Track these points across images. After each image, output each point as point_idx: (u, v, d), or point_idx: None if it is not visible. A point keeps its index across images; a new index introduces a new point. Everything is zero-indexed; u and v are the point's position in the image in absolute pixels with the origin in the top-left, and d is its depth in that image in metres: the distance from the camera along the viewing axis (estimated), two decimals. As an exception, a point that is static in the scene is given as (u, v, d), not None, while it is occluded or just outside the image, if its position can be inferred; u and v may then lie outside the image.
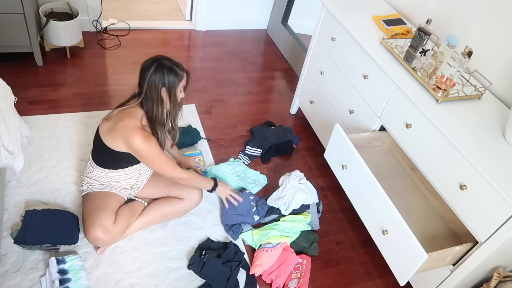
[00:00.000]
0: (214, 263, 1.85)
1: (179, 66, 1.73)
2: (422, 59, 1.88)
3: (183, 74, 1.73)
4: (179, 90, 1.75)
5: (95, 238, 1.76)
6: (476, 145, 1.59)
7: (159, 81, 1.69)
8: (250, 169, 2.45)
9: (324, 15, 2.40)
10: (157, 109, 1.74)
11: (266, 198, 2.24)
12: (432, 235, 1.84)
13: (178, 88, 1.74)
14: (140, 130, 1.70)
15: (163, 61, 1.70)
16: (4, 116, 1.82)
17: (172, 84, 1.71)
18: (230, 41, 3.68)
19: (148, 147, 1.71)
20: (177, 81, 1.72)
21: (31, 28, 2.63)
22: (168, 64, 1.69)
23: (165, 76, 1.68)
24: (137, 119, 1.73)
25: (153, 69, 1.68)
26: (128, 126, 1.70)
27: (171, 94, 1.73)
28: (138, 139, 1.69)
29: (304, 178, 2.21)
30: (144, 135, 1.70)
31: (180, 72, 1.72)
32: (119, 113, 1.75)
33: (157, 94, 1.71)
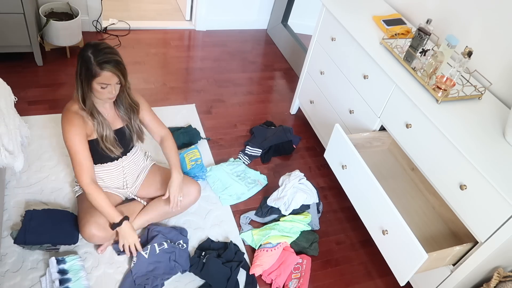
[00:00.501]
0: (214, 263, 1.85)
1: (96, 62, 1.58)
2: (422, 59, 1.88)
3: (99, 72, 1.59)
4: (98, 86, 1.62)
5: (90, 235, 1.75)
6: (476, 145, 1.59)
7: (78, 72, 1.63)
8: (250, 169, 2.45)
9: (324, 15, 2.40)
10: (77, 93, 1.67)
11: (266, 198, 2.24)
12: (432, 235, 1.84)
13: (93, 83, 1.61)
14: (69, 111, 1.67)
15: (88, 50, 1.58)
16: (4, 116, 1.81)
17: (84, 77, 1.61)
18: (230, 41, 3.68)
19: (65, 133, 1.67)
20: (91, 77, 1.60)
21: (31, 28, 2.63)
22: (85, 57, 1.58)
23: (80, 68, 1.61)
24: (75, 104, 1.70)
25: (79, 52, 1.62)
26: (65, 108, 1.69)
27: (83, 84, 1.63)
28: (62, 119, 1.67)
29: (304, 178, 2.21)
30: (68, 117, 1.67)
31: (95, 69, 1.58)
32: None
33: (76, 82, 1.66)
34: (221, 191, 2.28)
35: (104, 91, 1.65)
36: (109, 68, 1.60)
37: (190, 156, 2.34)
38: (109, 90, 1.66)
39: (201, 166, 2.31)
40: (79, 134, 1.68)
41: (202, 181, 2.32)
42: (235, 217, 2.19)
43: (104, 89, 1.64)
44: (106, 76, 1.61)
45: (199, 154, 2.38)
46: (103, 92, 1.65)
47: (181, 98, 2.91)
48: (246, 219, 2.18)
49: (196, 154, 2.36)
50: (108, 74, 1.60)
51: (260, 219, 2.19)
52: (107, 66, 1.59)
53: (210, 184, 2.31)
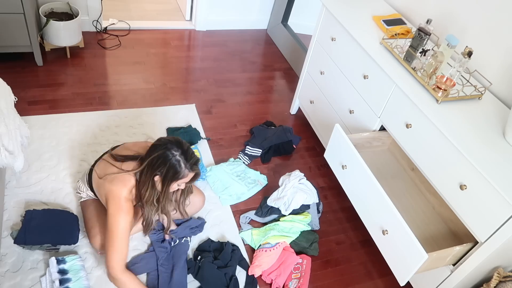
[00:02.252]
0: (209, 267, 1.85)
1: (189, 164, 1.58)
2: (422, 59, 1.88)
3: (188, 174, 1.60)
4: (176, 184, 1.64)
5: (101, 246, 1.79)
6: (476, 145, 1.59)
7: (158, 166, 1.57)
8: (250, 169, 2.45)
9: (324, 15, 2.40)
10: (145, 191, 1.63)
11: (266, 198, 2.24)
12: (432, 235, 1.84)
13: (174, 183, 1.62)
14: (120, 199, 1.61)
15: (175, 151, 1.57)
16: (4, 116, 1.81)
17: (170, 177, 1.59)
18: (230, 41, 3.68)
19: (115, 219, 1.60)
20: (177, 177, 1.59)
21: (31, 28, 2.63)
22: (176, 158, 1.56)
23: (165, 166, 1.57)
24: (126, 188, 1.63)
25: (161, 151, 1.57)
26: (113, 192, 1.61)
27: (164, 184, 1.61)
28: (112, 205, 1.61)
29: (304, 178, 2.21)
30: (120, 205, 1.61)
31: (185, 171, 1.58)
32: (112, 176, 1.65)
33: (149, 176, 1.61)
34: (221, 191, 2.28)
35: (180, 187, 1.68)
36: (197, 169, 1.62)
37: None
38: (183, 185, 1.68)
39: (201, 166, 2.31)
40: (129, 222, 1.64)
41: (202, 181, 2.32)
42: (235, 217, 2.19)
43: (179, 186, 1.66)
44: (190, 176, 1.63)
45: (199, 154, 2.38)
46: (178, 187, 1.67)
47: (181, 98, 2.91)
48: (246, 219, 2.18)
49: (196, 154, 2.37)
50: (193, 174, 1.63)
51: (260, 219, 2.19)
52: (196, 168, 1.62)
53: (210, 184, 2.31)
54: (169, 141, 1.60)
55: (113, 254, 1.62)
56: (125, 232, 1.63)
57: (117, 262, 1.63)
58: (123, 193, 1.63)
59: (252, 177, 2.40)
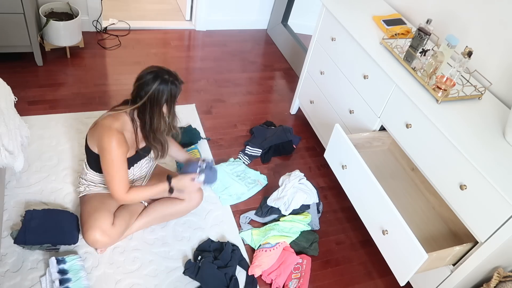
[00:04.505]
0: (209, 268, 1.85)
1: (178, 79, 1.72)
2: (422, 59, 1.88)
3: (181, 86, 1.74)
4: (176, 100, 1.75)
5: (93, 240, 1.76)
6: (476, 145, 1.59)
7: (162, 96, 1.65)
8: (250, 169, 2.45)
9: (324, 15, 2.40)
10: (159, 123, 1.72)
11: (266, 198, 2.24)
12: (432, 235, 1.84)
13: (176, 99, 1.74)
14: (116, 131, 1.66)
15: (165, 75, 1.66)
16: (4, 116, 1.81)
17: (173, 98, 1.71)
18: (230, 41, 3.68)
19: (115, 151, 1.65)
20: (177, 94, 1.72)
21: (31, 28, 2.63)
22: (170, 79, 1.66)
23: (168, 91, 1.66)
24: (118, 122, 1.69)
25: (156, 84, 1.63)
26: (106, 125, 1.67)
27: (171, 107, 1.73)
28: (111, 139, 1.64)
29: (304, 178, 2.21)
30: (118, 138, 1.66)
31: (179, 85, 1.72)
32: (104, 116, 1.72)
33: (159, 109, 1.69)
34: (221, 191, 2.28)
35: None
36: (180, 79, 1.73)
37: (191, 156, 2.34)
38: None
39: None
40: (124, 152, 1.69)
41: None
42: (235, 217, 2.19)
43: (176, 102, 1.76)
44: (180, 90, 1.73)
45: (199, 154, 2.38)
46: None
47: (181, 98, 2.91)
48: (246, 219, 2.18)
49: (196, 154, 2.37)
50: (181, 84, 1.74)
51: (260, 219, 2.19)
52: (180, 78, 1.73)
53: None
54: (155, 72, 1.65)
55: (114, 184, 1.70)
56: (119, 161, 1.67)
57: (119, 189, 1.71)
58: (114, 124, 1.67)
59: (252, 177, 2.40)
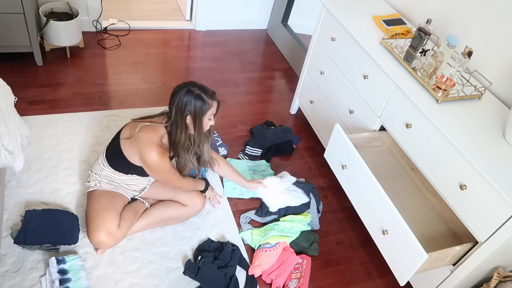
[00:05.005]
0: (209, 268, 1.85)
1: (209, 94, 1.71)
2: (422, 59, 1.88)
3: (212, 103, 1.71)
4: (207, 118, 1.74)
5: (98, 241, 1.77)
6: (476, 145, 1.59)
7: (185, 107, 1.68)
8: (270, 172, 2.45)
9: (324, 15, 2.40)
10: (180, 135, 1.75)
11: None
12: (432, 235, 1.84)
13: (205, 116, 1.72)
14: (157, 145, 1.71)
15: (193, 88, 1.68)
16: (4, 116, 1.81)
17: (199, 112, 1.70)
18: (230, 41, 3.68)
19: (161, 163, 1.72)
20: (205, 110, 1.70)
21: (31, 28, 2.63)
22: (196, 92, 1.67)
23: (191, 103, 1.67)
24: (157, 135, 1.74)
25: (181, 94, 1.67)
26: (147, 139, 1.71)
27: (196, 121, 1.72)
28: (153, 154, 1.70)
29: (292, 181, 2.23)
30: (160, 151, 1.71)
31: (208, 100, 1.70)
32: (143, 127, 1.74)
33: (182, 120, 1.71)
34: (227, 181, 2.32)
35: (210, 122, 1.78)
36: (216, 97, 1.75)
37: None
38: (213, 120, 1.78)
39: (201, 168, 2.32)
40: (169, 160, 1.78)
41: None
42: (235, 217, 2.19)
43: (210, 120, 1.76)
44: (215, 105, 1.74)
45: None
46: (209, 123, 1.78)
47: (181, 98, 2.91)
48: (246, 218, 2.18)
49: None
50: (216, 103, 1.75)
51: (260, 218, 2.19)
52: (216, 96, 1.74)
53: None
54: (185, 84, 1.71)
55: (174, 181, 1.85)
56: (171, 167, 1.80)
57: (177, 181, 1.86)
58: (155, 139, 1.72)
59: None
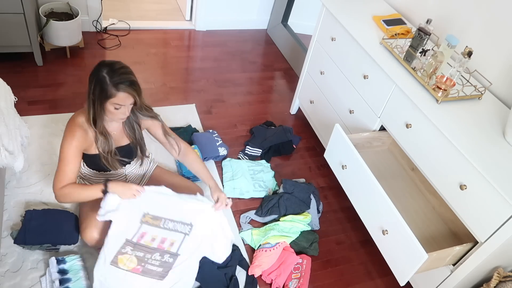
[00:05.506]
0: (208, 268, 1.84)
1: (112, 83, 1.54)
2: (422, 59, 1.88)
3: (115, 93, 1.56)
4: (112, 106, 1.59)
5: (91, 239, 1.75)
6: (476, 145, 1.59)
7: (90, 88, 1.58)
8: (270, 174, 2.45)
9: (324, 15, 2.40)
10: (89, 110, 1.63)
11: (267, 198, 2.24)
12: (432, 235, 1.84)
13: (106, 103, 1.58)
14: (74, 123, 1.64)
15: (104, 67, 1.56)
16: (4, 116, 1.82)
17: (98, 97, 1.58)
18: (230, 41, 3.68)
19: (64, 141, 1.63)
20: (105, 97, 1.56)
21: (31, 28, 2.63)
22: (100, 77, 1.54)
23: (93, 85, 1.57)
24: (82, 116, 1.67)
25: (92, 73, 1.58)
26: (71, 117, 1.67)
27: (95, 104, 1.60)
28: (66, 128, 1.65)
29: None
30: (72, 129, 1.63)
31: (110, 90, 1.55)
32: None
33: (88, 97, 1.61)
34: (227, 180, 2.32)
35: (118, 112, 1.62)
36: (125, 88, 1.57)
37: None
38: (123, 111, 1.63)
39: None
40: (76, 147, 1.65)
41: (201, 181, 2.32)
42: (235, 217, 2.19)
43: (117, 110, 1.61)
44: (121, 97, 1.58)
45: (199, 154, 2.38)
46: (116, 113, 1.62)
47: (181, 98, 2.91)
48: (246, 218, 2.18)
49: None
50: (124, 95, 1.58)
51: (260, 218, 2.19)
52: (123, 87, 1.56)
53: (223, 172, 2.39)
54: (102, 62, 1.59)
55: (56, 174, 1.64)
56: (67, 155, 1.63)
57: (57, 181, 1.64)
58: (77, 118, 1.65)
59: (265, 182, 2.39)
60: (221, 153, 2.44)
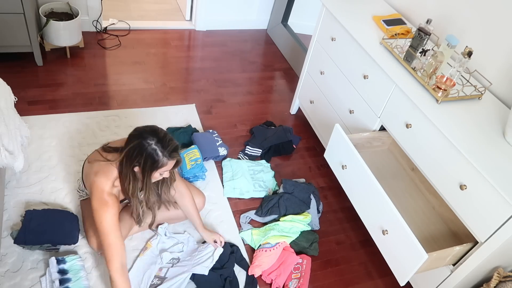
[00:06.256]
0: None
1: (167, 152, 1.54)
2: (422, 59, 1.88)
3: (166, 162, 1.55)
4: (158, 174, 1.59)
5: (98, 247, 1.79)
6: (476, 145, 1.59)
7: (134, 158, 1.53)
8: (270, 172, 2.45)
9: (324, 15, 2.40)
10: (128, 185, 1.61)
11: (267, 198, 2.24)
12: (432, 235, 1.84)
13: (155, 173, 1.57)
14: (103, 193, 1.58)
15: (150, 140, 1.52)
16: (4, 116, 1.81)
17: (149, 167, 1.55)
18: (230, 41, 3.68)
19: (99, 214, 1.56)
20: (155, 167, 1.55)
21: (31, 28, 2.63)
22: (153, 146, 1.51)
23: (142, 157, 1.52)
24: (109, 181, 1.60)
25: (136, 142, 1.53)
26: (97, 184, 1.59)
27: (145, 175, 1.57)
28: (96, 200, 1.57)
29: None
30: (103, 199, 1.57)
31: (163, 159, 1.53)
32: (97, 165, 1.64)
33: (130, 169, 1.57)
34: (227, 180, 2.33)
35: (160, 177, 1.62)
36: (176, 156, 1.57)
37: (190, 156, 2.34)
38: (166, 174, 1.62)
39: (201, 166, 2.31)
40: (115, 215, 1.59)
41: (202, 181, 2.32)
42: (235, 217, 2.19)
43: (161, 175, 1.61)
44: (171, 164, 1.57)
45: (199, 154, 2.38)
46: (159, 177, 1.62)
47: (181, 98, 2.91)
48: (246, 218, 2.18)
49: (196, 154, 2.36)
50: (173, 162, 1.58)
51: (260, 218, 2.19)
52: (175, 155, 1.56)
53: (223, 172, 2.39)
54: (144, 130, 1.55)
55: (107, 251, 1.57)
56: (113, 226, 1.58)
57: (111, 257, 1.57)
58: (106, 187, 1.59)
59: (266, 182, 2.39)
60: (221, 153, 2.44)
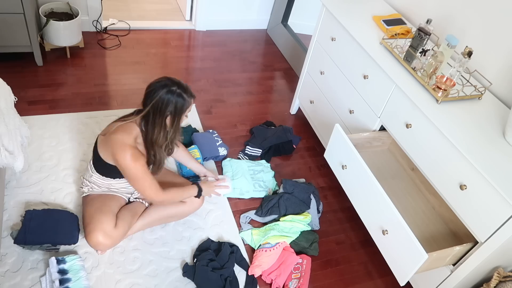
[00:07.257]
0: (202, 271, 1.84)
1: (189, 92, 1.69)
2: (422, 59, 1.88)
3: (191, 100, 1.70)
4: (184, 116, 1.74)
5: (96, 243, 1.76)
6: (476, 145, 1.59)
7: (166, 107, 1.65)
8: (270, 174, 2.45)
9: (324, 15, 2.40)
10: (158, 134, 1.71)
11: (267, 198, 2.24)
12: (432, 235, 1.84)
13: (184, 114, 1.72)
14: (130, 147, 1.66)
15: (172, 87, 1.65)
16: (4, 116, 1.81)
17: (179, 112, 1.68)
18: (230, 41, 3.68)
19: (135, 166, 1.67)
20: (185, 108, 1.70)
21: (31, 28, 2.63)
22: (177, 91, 1.65)
23: (173, 103, 1.65)
24: (131, 136, 1.69)
25: (161, 93, 1.63)
26: (119, 141, 1.66)
27: (175, 120, 1.70)
28: (127, 156, 1.65)
29: None
30: (133, 153, 1.66)
31: (188, 99, 1.68)
32: (116, 127, 1.71)
33: (161, 120, 1.68)
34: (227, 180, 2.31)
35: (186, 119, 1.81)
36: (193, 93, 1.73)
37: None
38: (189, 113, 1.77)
39: (201, 166, 2.31)
40: (143, 164, 1.70)
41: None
42: (235, 217, 2.19)
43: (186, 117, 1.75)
44: (192, 102, 1.73)
45: (199, 154, 2.38)
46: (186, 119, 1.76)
47: (181, 98, 2.91)
48: (246, 218, 2.18)
49: (196, 154, 2.37)
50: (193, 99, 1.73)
51: (260, 218, 2.19)
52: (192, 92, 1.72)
53: (223, 172, 2.39)
54: (161, 81, 1.68)
55: (149, 190, 1.74)
56: (146, 172, 1.72)
57: (155, 193, 1.76)
58: (129, 141, 1.68)
59: (266, 183, 2.39)
60: (221, 153, 2.44)
